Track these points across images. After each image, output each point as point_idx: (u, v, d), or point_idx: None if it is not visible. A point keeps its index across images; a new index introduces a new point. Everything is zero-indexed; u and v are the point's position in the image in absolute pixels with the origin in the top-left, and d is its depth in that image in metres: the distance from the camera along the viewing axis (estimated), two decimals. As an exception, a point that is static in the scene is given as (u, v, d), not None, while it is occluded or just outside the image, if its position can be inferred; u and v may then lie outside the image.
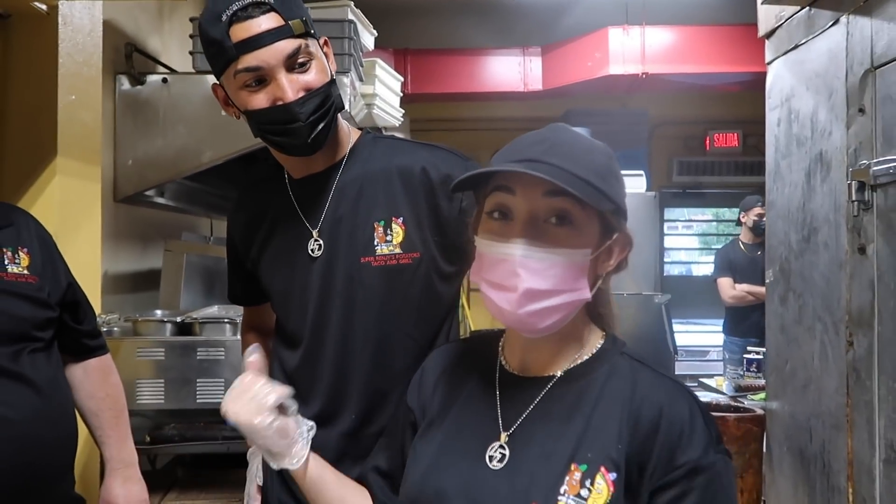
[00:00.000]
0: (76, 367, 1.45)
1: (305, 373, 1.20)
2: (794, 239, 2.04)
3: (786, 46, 2.11)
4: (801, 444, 1.92)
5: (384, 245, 1.15)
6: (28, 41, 1.53)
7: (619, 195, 0.85)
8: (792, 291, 2.04)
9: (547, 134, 0.85)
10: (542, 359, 0.89)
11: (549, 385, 0.87)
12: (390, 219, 1.15)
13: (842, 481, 1.71)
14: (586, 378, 0.86)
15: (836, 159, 1.80)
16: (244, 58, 1.06)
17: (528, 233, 0.81)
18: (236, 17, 1.04)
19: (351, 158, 1.20)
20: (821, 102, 1.89)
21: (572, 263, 0.81)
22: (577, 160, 0.81)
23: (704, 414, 0.84)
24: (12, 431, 1.20)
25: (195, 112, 2.33)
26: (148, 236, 2.69)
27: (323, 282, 1.17)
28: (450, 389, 0.94)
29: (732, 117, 5.59)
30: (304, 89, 1.08)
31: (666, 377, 0.87)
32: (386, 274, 1.15)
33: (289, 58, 1.07)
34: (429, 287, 1.17)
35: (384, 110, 2.87)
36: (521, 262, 0.80)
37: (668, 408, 0.82)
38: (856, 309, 1.68)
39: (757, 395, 2.51)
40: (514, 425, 0.86)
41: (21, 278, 1.28)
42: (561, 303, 0.81)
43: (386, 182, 1.17)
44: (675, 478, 0.80)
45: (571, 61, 4.82)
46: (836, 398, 1.75)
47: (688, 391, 0.86)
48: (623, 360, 0.88)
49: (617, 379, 0.85)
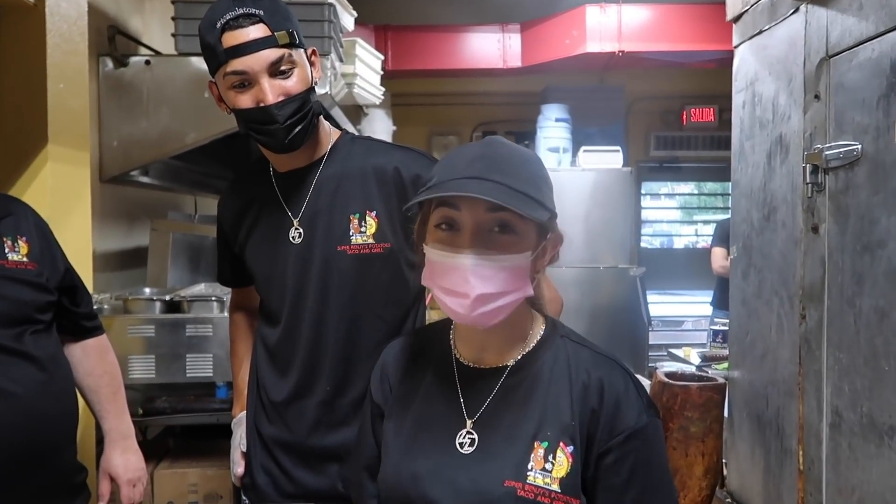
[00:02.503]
0: (75, 347, 1.53)
1: (285, 347, 1.33)
2: (755, 217, 2.14)
3: (751, 31, 2.19)
4: (758, 410, 2.05)
5: (358, 235, 1.28)
6: (16, 33, 1.57)
7: (551, 200, 0.95)
8: (753, 267, 2.15)
9: (486, 149, 0.95)
10: (494, 350, 1.00)
11: (504, 375, 0.98)
12: (364, 212, 1.28)
13: (793, 444, 1.83)
14: (535, 364, 0.98)
15: (794, 143, 1.89)
16: (232, 62, 1.18)
17: (476, 243, 0.91)
18: (228, 25, 1.17)
19: (331, 157, 1.33)
20: (781, 87, 1.97)
21: (516, 266, 0.92)
22: (515, 174, 0.91)
23: (636, 384, 0.97)
24: (20, 406, 1.29)
25: (178, 93, 2.37)
26: (134, 215, 2.74)
27: (301, 266, 1.30)
28: (410, 382, 1.04)
29: (708, 92, 5.66)
30: (284, 94, 1.20)
31: (602, 354, 0.99)
32: (359, 261, 1.28)
33: (272, 65, 1.19)
34: (398, 274, 1.30)
35: (364, 89, 2.92)
36: (472, 270, 0.90)
37: (608, 382, 0.95)
38: (808, 284, 1.78)
39: (721, 364, 2.64)
40: (477, 413, 0.96)
41: (21, 265, 1.36)
42: (509, 301, 0.92)
43: (362, 179, 1.29)
44: (615, 444, 0.92)
45: (550, 38, 4.86)
46: (790, 367, 1.86)
47: (621, 365, 0.99)
48: (564, 342, 0.99)
49: (562, 361, 0.97)
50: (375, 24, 4.87)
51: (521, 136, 5.46)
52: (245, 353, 1.48)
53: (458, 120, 5.82)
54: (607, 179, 4.57)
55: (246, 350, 1.48)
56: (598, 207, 4.48)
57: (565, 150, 4.90)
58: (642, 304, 4.58)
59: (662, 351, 4.93)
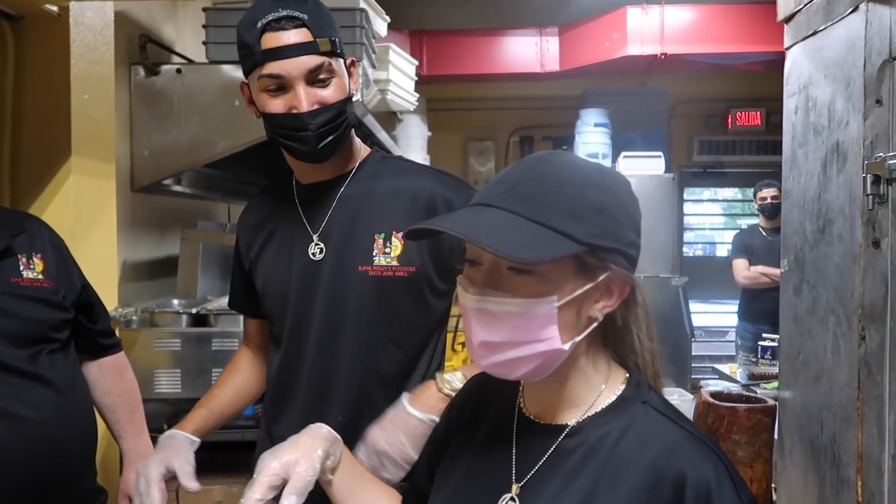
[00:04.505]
0: (92, 366, 1.50)
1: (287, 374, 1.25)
2: (808, 229, 2.02)
3: (804, 32, 2.07)
4: (811, 435, 1.92)
5: (382, 256, 1.21)
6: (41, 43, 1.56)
7: (602, 231, 0.77)
8: (806, 282, 2.03)
9: (522, 168, 0.80)
10: (554, 405, 0.83)
11: (562, 436, 0.81)
12: (391, 232, 1.21)
13: (851, 474, 1.71)
14: (599, 430, 0.80)
15: (853, 150, 1.77)
16: (269, 64, 1.13)
17: (489, 282, 0.77)
18: (269, 26, 1.12)
19: (358, 172, 1.27)
20: (838, 92, 1.85)
21: (531, 313, 0.75)
22: (540, 199, 0.76)
23: (733, 476, 0.76)
24: (35, 431, 1.26)
25: (209, 102, 2.35)
26: (165, 224, 2.73)
27: (318, 284, 1.23)
28: (473, 426, 0.91)
29: (755, 95, 5.49)
30: (319, 103, 1.16)
31: (690, 433, 0.79)
32: (381, 283, 1.21)
33: (310, 72, 1.14)
34: (420, 300, 1.22)
35: (398, 95, 2.87)
36: (473, 313, 0.77)
37: (693, 472, 0.75)
38: (868, 303, 1.66)
39: (770, 383, 2.50)
40: (525, 477, 0.81)
41: (36, 283, 1.33)
42: (527, 354, 0.76)
43: (391, 199, 1.23)
44: None
45: (589, 41, 4.75)
46: (847, 391, 1.74)
47: (714, 450, 0.78)
48: (645, 410, 0.81)
49: (634, 435, 0.78)
50: (410, 29, 4.83)
51: (559, 142, 5.37)
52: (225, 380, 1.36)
53: (495, 125, 5.74)
54: (648, 186, 4.45)
55: (227, 378, 1.37)
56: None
57: (604, 156, 4.79)
58: (685, 314, 4.45)
59: (705, 362, 4.80)
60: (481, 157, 5.73)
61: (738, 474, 0.78)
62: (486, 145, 5.72)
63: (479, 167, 5.71)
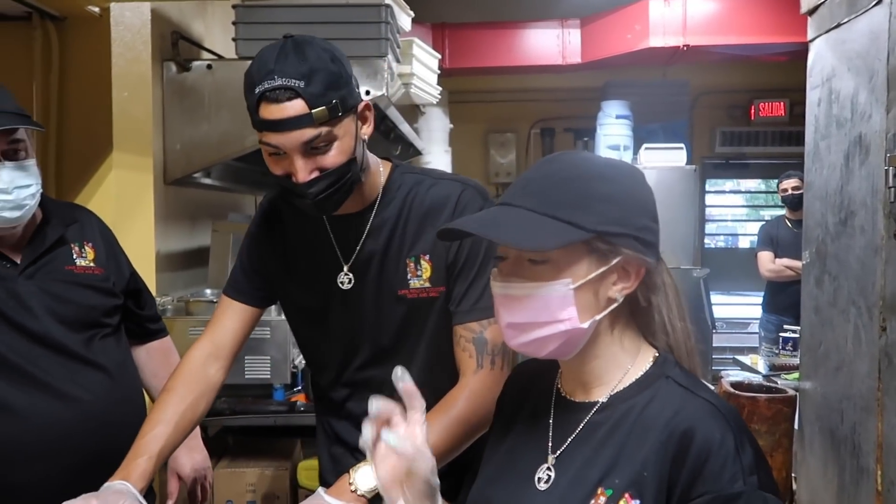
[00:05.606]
0: (140, 350, 1.57)
1: (354, 400, 1.32)
2: (831, 221, 2.03)
3: (828, 25, 2.08)
4: (831, 425, 1.94)
5: (416, 279, 1.26)
6: (83, 43, 1.62)
7: (607, 219, 0.84)
8: (827, 274, 2.04)
9: (537, 167, 0.90)
10: (585, 383, 0.91)
11: (592, 412, 0.89)
12: (419, 255, 1.26)
13: (871, 463, 1.73)
14: (625, 403, 0.87)
15: (875, 143, 1.79)
16: (266, 134, 1.13)
17: (513, 272, 0.87)
18: (264, 97, 1.10)
19: (384, 198, 1.28)
20: (861, 84, 1.86)
21: (548, 295, 0.84)
22: (549, 194, 0.85)
23: (738, 439, 0.81)
24: (90, 411, 1.33)
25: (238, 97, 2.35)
26: (196, 216, 2.80)
27: (354, 312, 1.29)
28: (517, 406, 1.00)
29: (779, 86, 5.43)
30: (319, 169, 1.15)
31: (708, 402, 0.84)
32: (418, 305, 1.27)
33: (305, 143, 1.12)
34: (447, 316, 1.28)
35: (421, 88, 2.91)
36: (499, 299, 0.87)
37: (700, 430, 0.80)
38: (890, 295, 1.68)
39: (791, 374, 2.52)
40: (560, 449, 0.90)
41: (89, 270, 1.40)
42: (550, 333, 0.85)
43: (417, 220, 1.27)
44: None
45: (610, 33, 4.74)
46: (868, 382, 1.76)
47: (725, 415, 0.83)
48: (668, 384, 0.87)
49: (657, 405, 0.85)
50: (433, 22, 4.85)
51: (580, 134, 5.36)
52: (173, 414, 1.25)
53: (516, 117, 5.75)
54: (670, 178, 4.43)
55: (173, 412, 1.25)
56: (661, 207, 4.27)
57: (626, 148, 4.79)
58: (706, 305, 4.45)
59: (727, 353, 4.79)
60: (502, 150, 5.74)
61: (753, 444, 0.83)
62: (507, 137, 5.73)
63: (500, 159, 5.72)
